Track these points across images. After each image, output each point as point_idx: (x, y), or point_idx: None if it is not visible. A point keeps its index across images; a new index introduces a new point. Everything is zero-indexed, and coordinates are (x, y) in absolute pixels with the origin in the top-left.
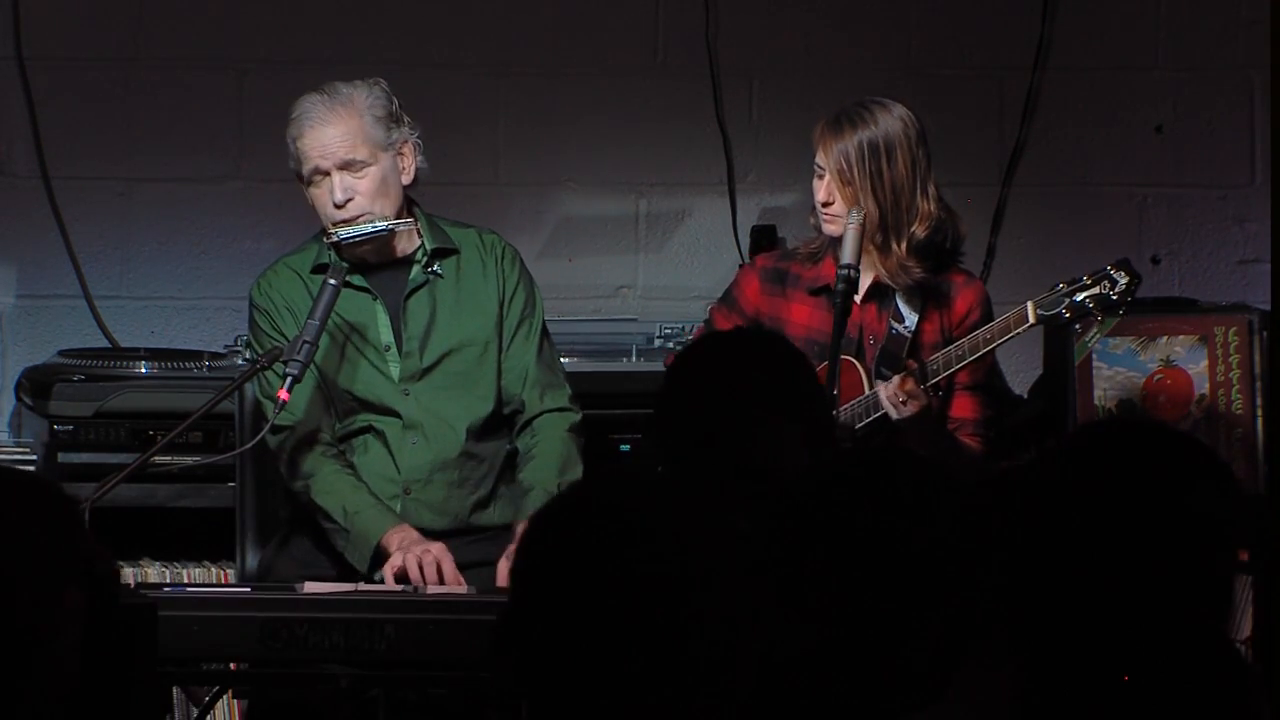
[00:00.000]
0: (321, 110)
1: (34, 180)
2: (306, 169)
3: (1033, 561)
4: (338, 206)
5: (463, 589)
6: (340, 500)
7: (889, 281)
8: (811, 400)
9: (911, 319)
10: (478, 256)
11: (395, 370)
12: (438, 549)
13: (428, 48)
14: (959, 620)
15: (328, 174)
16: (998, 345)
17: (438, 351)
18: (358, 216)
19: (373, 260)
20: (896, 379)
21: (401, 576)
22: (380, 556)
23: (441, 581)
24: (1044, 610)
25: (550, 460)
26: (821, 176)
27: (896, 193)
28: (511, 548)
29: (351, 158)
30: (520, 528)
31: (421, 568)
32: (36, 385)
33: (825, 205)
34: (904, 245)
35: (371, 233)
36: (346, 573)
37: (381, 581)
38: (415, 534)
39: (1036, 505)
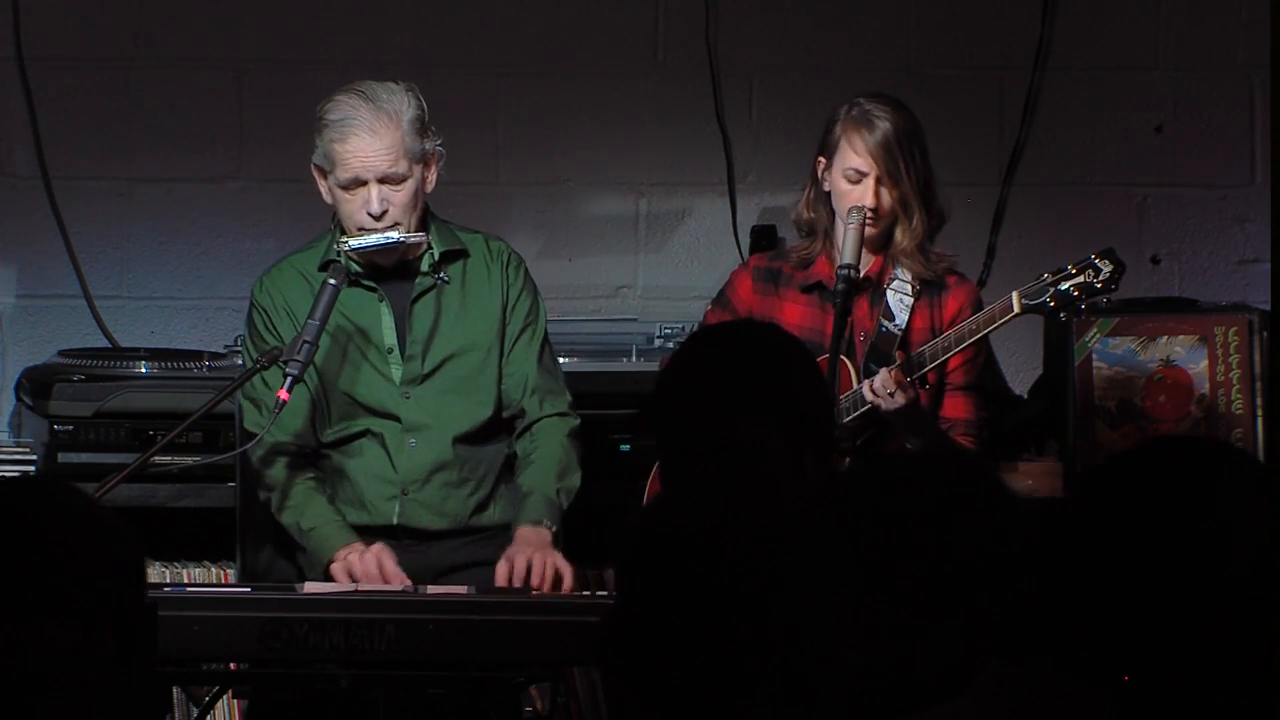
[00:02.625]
0: (366, 118)
1: (34, 180)
2: (345, 176)
3: (1087, 575)
4: (374, 217)
5: (408, 585)
6: (297, 516)
7: (884, 267)
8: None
9: (902, 316)
10: (483, 262)
11: (397, 373)
12: (376, 548)
13: (428, 48)
14: (990, 619)
15: (365, 183)
16: (983, 335)
17: (440, 356)
18: (388, 227)
19: (385, 265)
20: (885, 371)
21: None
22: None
23: (384, 580)
24: (1099, 620)
25: (549, 465)
26: (857, 181)
27: (927, 183)
28: (511, 549)
29: (393, 171)
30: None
31: (354, 572)
32: (36, 385)
33: (872, 211)
34: (909, 238)
35: (385, 245)
36: None
37: None
38: (361, 546)
39: (1087, 520)
